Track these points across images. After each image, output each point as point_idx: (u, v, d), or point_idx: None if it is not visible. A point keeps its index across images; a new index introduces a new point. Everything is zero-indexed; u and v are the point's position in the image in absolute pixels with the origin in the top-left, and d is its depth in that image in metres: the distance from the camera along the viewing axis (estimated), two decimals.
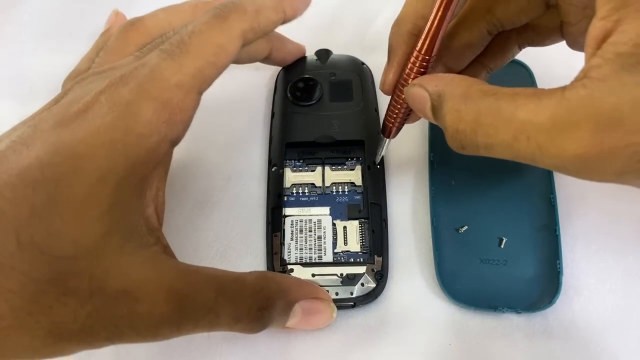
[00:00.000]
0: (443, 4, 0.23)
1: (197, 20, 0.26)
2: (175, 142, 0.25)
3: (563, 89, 0.19)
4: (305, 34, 0.39)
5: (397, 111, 0.28)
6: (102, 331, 0.21)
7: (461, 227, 0.31)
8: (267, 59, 0.35)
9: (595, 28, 0.19)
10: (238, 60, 0.32)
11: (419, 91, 0.24)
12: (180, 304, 0.23)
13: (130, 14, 0.40)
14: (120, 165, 0.22)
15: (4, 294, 0.20)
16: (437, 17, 0.24)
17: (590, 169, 0.19)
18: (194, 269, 0.24)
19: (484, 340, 0.29)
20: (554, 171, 0.31)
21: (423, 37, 0.24)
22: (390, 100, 0.28)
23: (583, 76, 0.18)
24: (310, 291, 0.28)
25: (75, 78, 0.28)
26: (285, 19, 0.30)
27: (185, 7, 0.30)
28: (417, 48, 0.25)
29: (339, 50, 0.38)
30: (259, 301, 0.25)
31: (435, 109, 0.24)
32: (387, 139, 0.30)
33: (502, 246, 0.30)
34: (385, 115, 0.29)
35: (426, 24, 0.24)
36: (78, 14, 0.39)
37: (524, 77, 0.35)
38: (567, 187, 0.32)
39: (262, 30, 0.28)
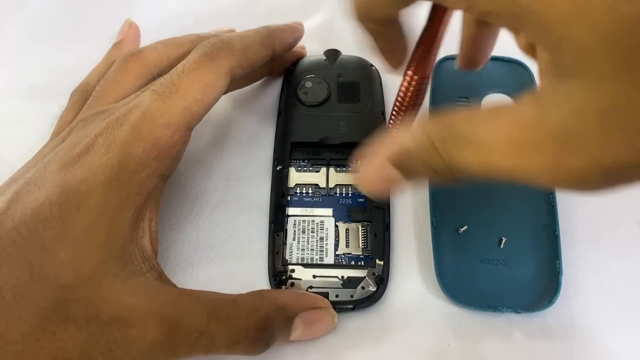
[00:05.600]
0: (437, 20, 0.23)
1: (187, 59, 0.28)
2: (165, 175, 0.27)
3: (517, 105, 0.18)
4: (314, 33, 0.39)
5: (397, 127, 0.28)
6: (99, 356, 0.23)
7: (461, 227, 0.31)
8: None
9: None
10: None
11: (380, 174, 0.23)
12: (170, 329, 0.24)
13: (129, 14, 0.40)
14: (114, 200, 0.25)
15: (15, 320, 0.22)
16: (433, 34, 0.23)
17: (561, 186, 0.18)
18: (187, 293, 0.26)
19: (483, 340, 0.29)
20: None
21: (417, 59, 0.24)
22: (390, 116, 0.28)
23: (529, 93, 0.18)
24: (309, 302, 0.28)
25: (83, 92, 0.32)
26: (275, 53, 0.32)
27: (185, 40, 0.32)
28: (411, 72, 0.24)
29: (348, 50, 0.38)
30: (256, 322, 0.26)
31: (408, 172, 0.22)
32: None
33: (502, 246, 0.30)
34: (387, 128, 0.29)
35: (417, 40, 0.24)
36: (78, 15, 0.39)
37: (523, 77, 0.35)
38: None
39: (249, 65, 0.30)
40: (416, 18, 0.24)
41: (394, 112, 0.27)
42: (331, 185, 0.33)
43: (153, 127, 0.26)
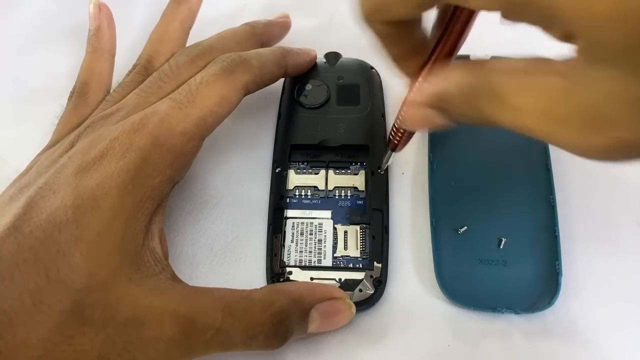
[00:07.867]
0: (462, 22, 0.22)
1: (206, 70, 0.29)
2: (176, 181, 0.28)
3: (550, 73, 0.19)
4: (314, 36, 0.39)
5: (402, 130, 0.27)
6: (117, 357, 0.23)
7: (460, 228, 0.31)
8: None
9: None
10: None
11: (418, 113, 0.23)
12: (186, 327, 0.24)
13: (130, 14, 0.40)
14: (129, 203, 0.25)
15: (34, 326, 0.22)
16: (455, 37, 0.22)
17: (585, 156, 0.19)
18: (200, 291, 0.26)
19: (483, 341, 0.29)
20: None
21: (434, 64, 0.23)
22: (397, 117, 0.27)
23: (563, 61, 0.18)
24: (324, 293, 0.28)
25: (83, 93, 0.32)
26: (286, 74, 0.34)
27: (176, 26, 0.34)
28: (422, 79, 0.24)
29: (348, 53, 0.38)
30: (272, 315, 0.25)
31: (445, 115, 0.23)
32: (393, 152, 0.30)
33: (502, 247, 0.30)
34: (391, 130, 0.29)
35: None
36: (78, 15, 0.39)
37: None
38: (566, 188, 0.32)
39: (263, 82, 0.32)
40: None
41: (397, 122, 0.27)
42: (330, 187, 0.33)
43: (170, 134, 0.27)
